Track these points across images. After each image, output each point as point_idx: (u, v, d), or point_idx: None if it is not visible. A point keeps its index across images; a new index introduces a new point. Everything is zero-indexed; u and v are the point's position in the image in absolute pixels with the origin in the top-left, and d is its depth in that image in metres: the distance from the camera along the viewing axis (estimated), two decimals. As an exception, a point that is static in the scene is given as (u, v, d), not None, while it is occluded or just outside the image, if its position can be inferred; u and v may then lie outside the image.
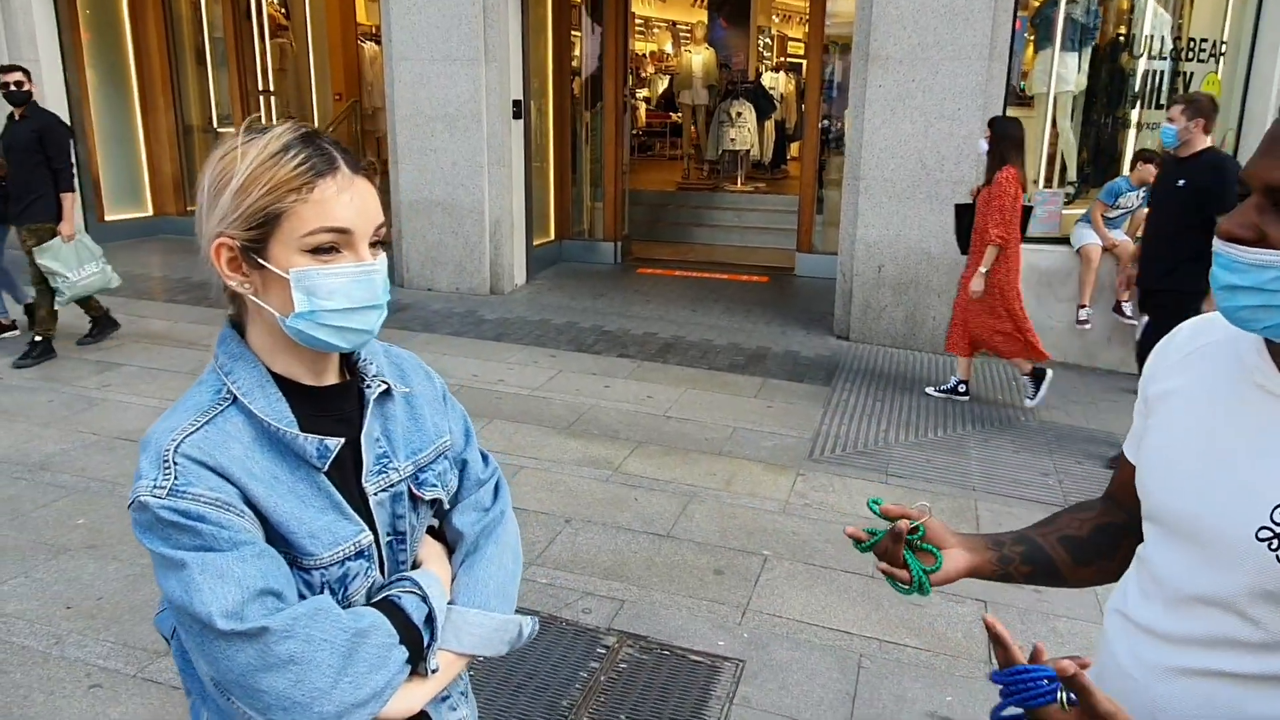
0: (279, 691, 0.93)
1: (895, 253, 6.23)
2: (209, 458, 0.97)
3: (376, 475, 1.10)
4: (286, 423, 1.03)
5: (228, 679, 0.94)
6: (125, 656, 2.77)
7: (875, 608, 3.15)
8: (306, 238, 0.99)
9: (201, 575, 0.93)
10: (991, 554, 1.21)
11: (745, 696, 2.68)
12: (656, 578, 3.31)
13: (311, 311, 1.00)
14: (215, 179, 1.01)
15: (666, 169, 13.66)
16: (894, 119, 6.04)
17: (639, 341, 6.30)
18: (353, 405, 1.12)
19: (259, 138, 1.01)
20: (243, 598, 0.93)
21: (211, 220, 1.02)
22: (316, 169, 0.99)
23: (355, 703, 0.97)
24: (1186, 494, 1.01)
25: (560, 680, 2.70)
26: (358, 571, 1.06)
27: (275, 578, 0.97)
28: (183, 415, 1.01)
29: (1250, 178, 0.91)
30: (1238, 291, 0.90)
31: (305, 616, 0.96)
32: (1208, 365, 1.05)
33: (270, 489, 1.00)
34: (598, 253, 8.97)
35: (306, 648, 0.95)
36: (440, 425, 1.21)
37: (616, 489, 4.02)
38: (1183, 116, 4.36)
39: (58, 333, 5.67)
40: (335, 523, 1.04)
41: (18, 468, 4.03)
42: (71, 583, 3.15)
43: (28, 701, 2.56)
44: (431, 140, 7.23)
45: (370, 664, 0.99)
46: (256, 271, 1.01)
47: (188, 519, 0.94)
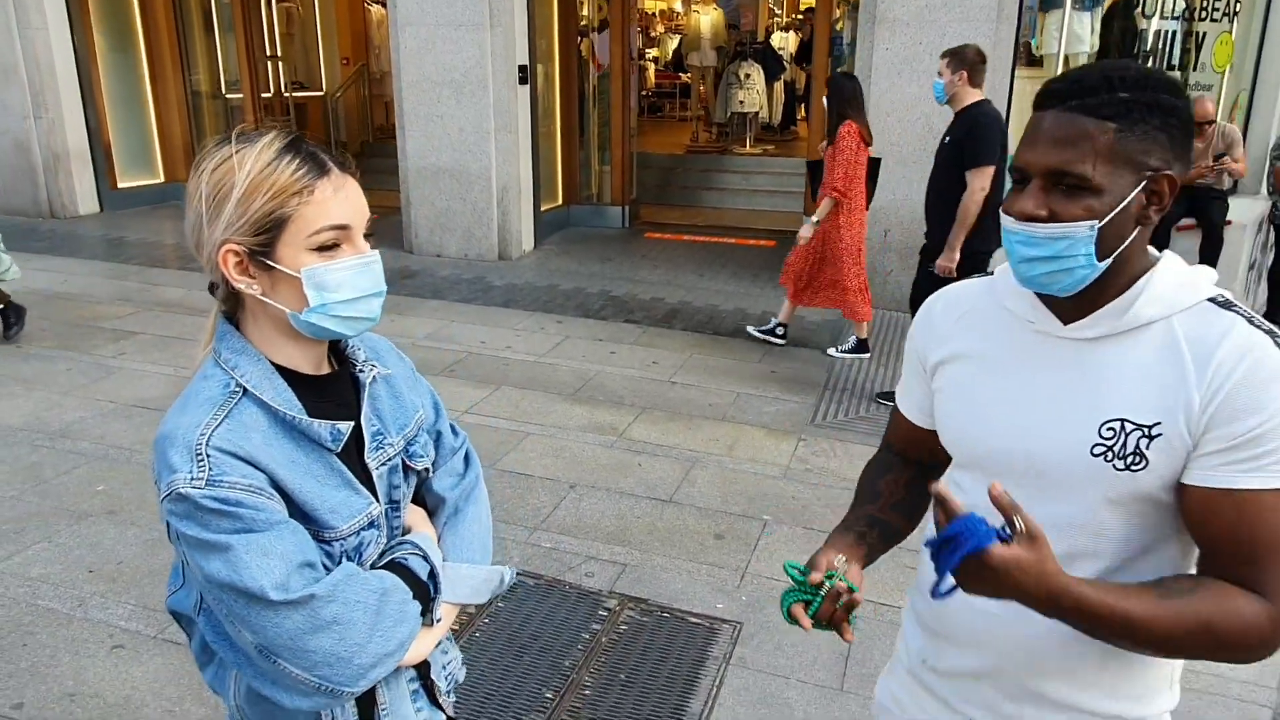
0: (326, 649, 1.05)
1: (901, 218, 6.23)
2: (238, 448, 1.05)
3: (376, 451, 1.20)
4: (297, 410, 1.11)
5: (278, 643, 1.03)
6: (146, 618, 2.88)
7: (869, 571, 3.22)
8: (313, 237, 1.07)
9: (248, 554, 1.01)
10: (862, 549, 1.32)
11: (742, 657, 2.77)
12: (658, 542, 3.39)
13: (324, 305, 1.08)
14: (214, 188, 1.07)
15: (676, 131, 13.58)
16: (900, 82, 6.00)
17: (645, 307, 6.34)
18: (348, 390, 1.22)
19: (250, 146, 1.07)
20: (288, 570, 1.03)
21: (215, 229, 1.07)
22: (313, 172, 1.07)
23: (386, 653, 1.10)
24: (1011, 435, 1.14)
25: (563, 641, 2.80)
26: (370, 540, 1.16)
27: (308, 550, 1.07)
28: (201, 410, 1.08)
29: (1028, 165, 1.06)
30: (1036, 262, 1.07)
31: (343, 582, 1.07)
32: (982, 327, 1.21)
33: (291, 472, 1.09)
34: (605, 217, 8.98)
35: (345, 609, 1.06)
36: (416, 401, 1.31)
37: (620, 455, 4.10)
38: (948, 70, 4.32)
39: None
40: (350, 498, 1.14)
41: (38, 435, 4.14)
42: (93, 547, 3.26)
43: (54, 661, 2.67)
44: (438, 106, 7.22)
45: (395, 618, 1.11)
46: (265, 273, 1.09)
47: (228, 505, 1.02)
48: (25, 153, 8.64)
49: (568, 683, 2.63)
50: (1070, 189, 1.04)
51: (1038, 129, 1.06)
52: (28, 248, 7.63)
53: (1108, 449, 1.07)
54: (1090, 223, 1.03)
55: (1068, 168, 1.03)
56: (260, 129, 1.09)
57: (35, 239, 7.96)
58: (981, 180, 4.27)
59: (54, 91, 8.51)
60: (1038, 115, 1.07)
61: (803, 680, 2.67)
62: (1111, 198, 1.03)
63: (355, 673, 1.07)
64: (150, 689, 2.57)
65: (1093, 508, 1.10)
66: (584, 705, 2.55)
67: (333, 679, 1.06)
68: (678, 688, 2.63)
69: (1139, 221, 1.07)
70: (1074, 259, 1.05)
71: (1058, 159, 1.03)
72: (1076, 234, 1.04)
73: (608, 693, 2.60)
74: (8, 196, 8.86)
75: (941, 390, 1.26)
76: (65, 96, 8.60)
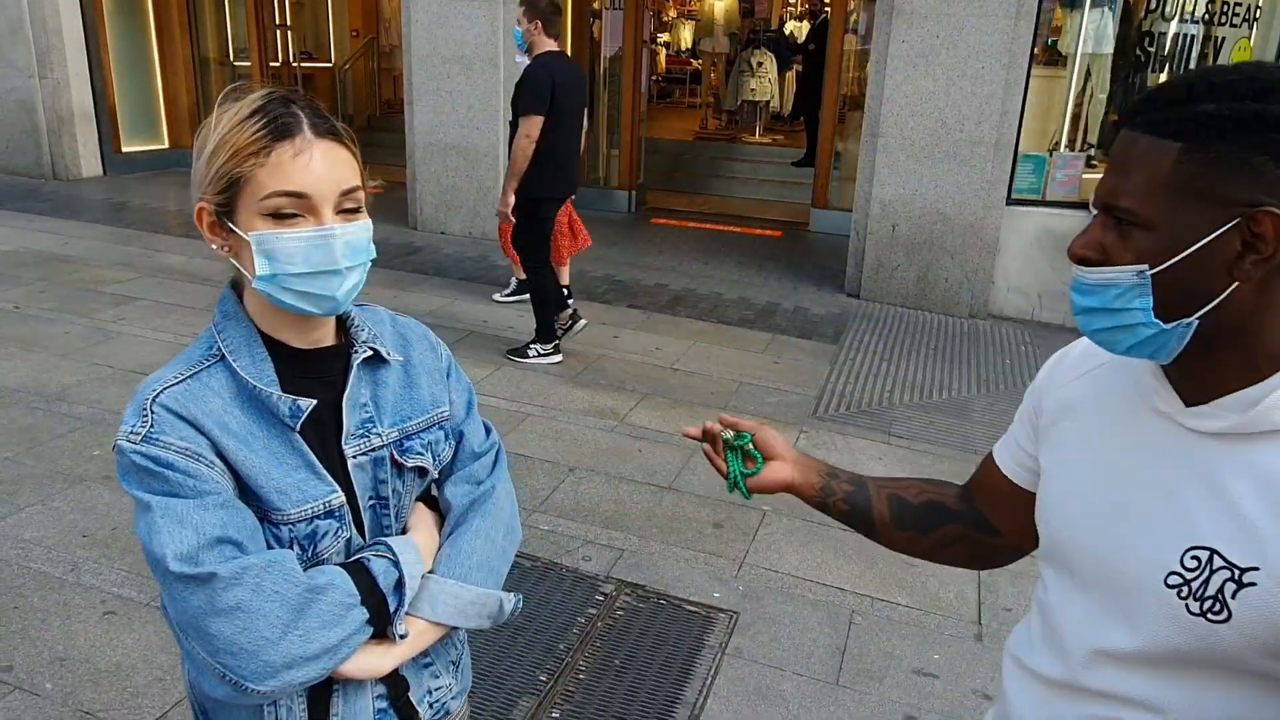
0: (226, 636, 0.96)
1: (910, 212, 6.19)
2: (184, 409, 1.01)
3: (357, 439, 1.12)
4: (267, 382, 1.05)
5: (182, 620, 0.98)
6: (138, 585, 2.86)
7: (869, 565, 3.21)
8: (264, 201, 1.00)
9: (162, 518, 0.97)
10: (819, 480, 1.23)
11: (738, 647, 2.75)
12: (656, 528, 3.37)
13: (273, 275, 1.02)
14: (198, 146, 1.05)
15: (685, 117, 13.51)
16: (915, 75, 5.95)
17: (650, 292, 6.31)
18: (339, 369, 1.13)
19: (233, 104, 1.03)
20: (198, 543, 0.96)
21: (194, 185, 1.06)
22: (275, 133, 1.00)
23: (304, 656, 0.99)
24: (1085, 530, 0.95)
25: (558, 625, 2.78)
26: (327, 530, 1.08)
27: (237, 528, 0.99)
28: (173, 368, 1.06)
29: (1096, 195, 0.89)
30: (1093, 314, 0.88)
31: (257, 568, 0.98)
32: (1104, 386, 1.00)
33: (243, 444, 1.03)
34: (612, 201, 8.93)
35: (255, 597, 0.97)
36: (439, 396, 1.22)
37: (621, 439, 4.08)
38: (525, 19, 4.57)
39: None
40: (306, 481, 1.06)
41: (35, 398, 4.11)
42: (87, 512, 3.24)
43: (45, 625, 2.65)
44: (447, 82, 7.16)
45: (323, 621, 1.01)
46: (230, 235, 1.04)
47: (157, 465, 0.98)
48: (29, 112, 8.57)
49: (562, 666, 2.61)
50: (1122, 224, 0.85)
51: (1114, 158, 0.87)
52: (29, 209, 7.59)
53: (1184, 582, 0.85)
54: (1139, 268, 0.83)
55: (1113, 199, 0.85)
56: (260, 87, 1.06)
57: (37, 200, 7.91)
58: (528, 128, 4.49)
59: (60, 52, 8.43)
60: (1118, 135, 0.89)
61: (798, 673, 2.65)
62: (1170, 237, 0.82)
63: (261, 669, 0.97)
64: (141, 656, 2.55)
65: (1159, 652, 0.87)
66: (578, 690, 2.53)
67: (235, 670, 0.97)
68: (672, 675, 2.61)
69: (1233, 274, 0.81)
70: (1129, 313, 0.85)
71: (1106, 188, 0.86)
72: (1121, 280, 0.84)
73: (602, 678, 2.58)
74: (10, 156, 8.79)
75: (1047, 449, 1.05)
76: (71, 57, 8.53)
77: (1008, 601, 3.06)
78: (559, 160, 4.63)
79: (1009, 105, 5.88)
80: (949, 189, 6.05)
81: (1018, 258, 6.25)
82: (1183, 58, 6.29)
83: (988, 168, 5.95)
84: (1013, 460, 1.13)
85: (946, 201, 6.08)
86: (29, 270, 5.95)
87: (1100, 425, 0.98)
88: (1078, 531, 0.96)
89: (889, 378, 5.02)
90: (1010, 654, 1.08)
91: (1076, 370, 1.04)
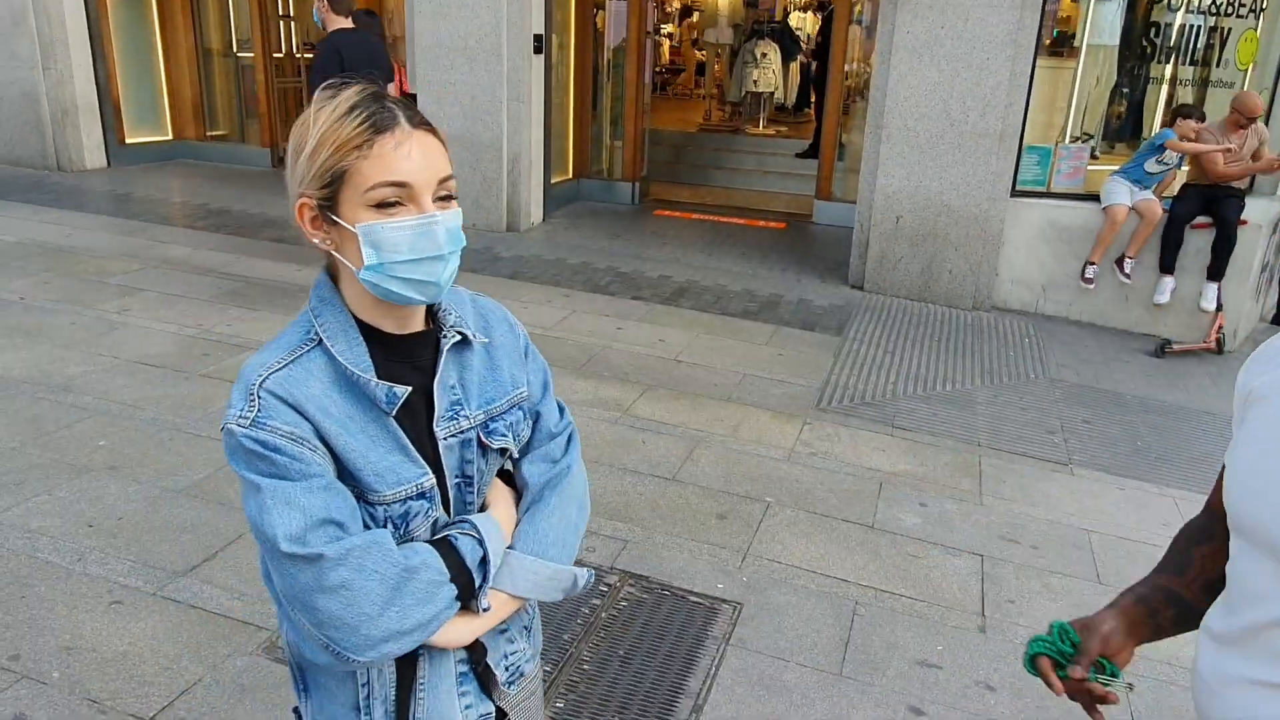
0: (331, 612, 1.03)
1: (914, 204, 6.18)
2: (289, 394, 1.06)
3: (447, 421, 1.16)
4: (364, 368, 1.10)
5: (290, 594, 1.05)
6: (145, 575, 2.87)
7: (873, 557, 3.22)
8: (369, 192, 1.04)
9: (272, 500, 1.03)
10: (1148, 630, 1.17)
11: (741, 638, 2.76)
12: (660, 520, 3.38)
13: (380, 264, 1.06)
14: (296, 143, 1.09)
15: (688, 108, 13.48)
16: (920, 66, 5.93)
17: (653, 284, 6.31)
18: (430, 353, 1.17)
19: (330, 101, 1.07)
20: (305, 524, 1.02)
21: (294, 182, 1.09)
22: (376, 126, 1.05)
23: (400, 630, 1.06)
24: (1269, 507, 0.96)
25: (562, 615, 2.79)
26: (418, 511, 1.13)
27: (339, 509, 1.05)
28: (272, 352, 1.10)
29: None
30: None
31: (360, 548, 1.04)
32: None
33: (343, 428, 1.08)
34: (615, 192, 8.92)
35: (358, 576, 1.03)
36: (518, 377, 1.26)
37: (625, 431, 4.08)
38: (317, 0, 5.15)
39: None
40: (400, 464, 1.11)
41: (41, 388, 4.12)
42: (93, 502, 3.25)
43: (52, 614, 2.67)
44: (451, 73, 7.15)
45: (417, 598, 1.07)
46: (334, 228, 1.08)
47: (265, 449, 1.03)
48: (33, 104, 8.57)
49: (566, 657, 2.62)
50: None
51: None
52: (34, 200, 7.59)
53: None
54: None
55: None
56: (352, 83, 1.09)
57: (41, 191, 7.91)
58: None
59: (63, 43, 8.42)
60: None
61: (802, 664, 2.66)
62: None
63: (361, 642, 1.04)
64: (148, 645, 2.56)
65: None
66: (582, 680, 2.54)
67: (338, 642, 1.04)
68: (676, 666, 2.62)
69: None
70: None
71: None
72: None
73: (606, 668, 2.59)
74: (14, 148, 8.79)
75: (1239, 435, 1.06)
76: (75, 49, 8.51)
77: (1010, 594, 3.07)
78: None
79: (1014, 96, 5.86)
80: (953, 180, 6.03)
81: (1022, 250, 6.23)
82: (1189, 49, 6.27)
83: (992, 159, 5.93)
84: None
85: (951, 193, 6.06)
86: (34, 261, 5.96)
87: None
88: (1257, 504, 0.97)
89: (893, 369, 5.02)
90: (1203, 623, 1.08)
91: (1274, 360, 1.04)
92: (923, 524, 3.47)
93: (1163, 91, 6.51)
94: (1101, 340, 5.85)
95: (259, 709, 2.36)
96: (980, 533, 3.43)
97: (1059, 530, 3.50)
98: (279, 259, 6.28)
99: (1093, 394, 4.92)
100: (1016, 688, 2.62)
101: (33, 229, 6.71)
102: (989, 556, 3.28)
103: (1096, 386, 5.03)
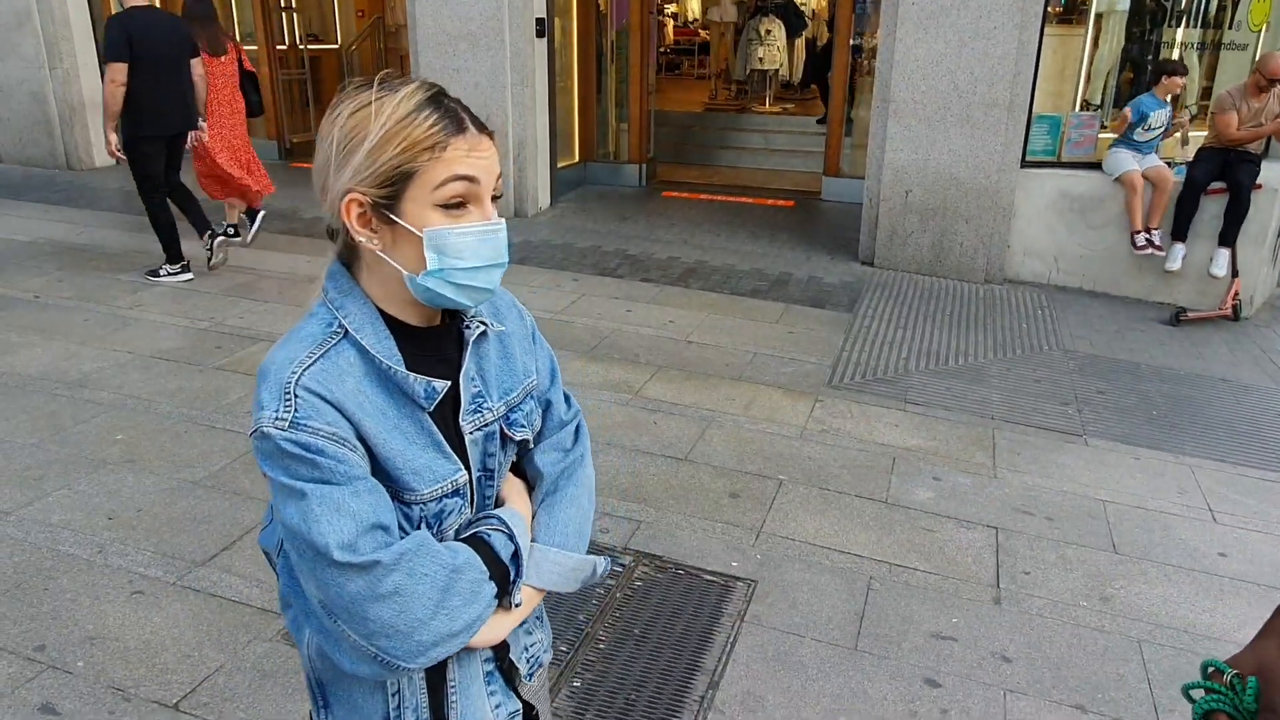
0: (384, 620, 0.99)
1: (923, 178, 6.13)
2: (327, 391, 1.01)
3: (473, 415, 1.13)
4: (395, 361, 1.06)
5: (337, 605, 0.99)
6: (165, 565, 2.91)
7: (886, 532, 3.22)
8: (438, 190, 1.01)
9: (320, 507, 0.97)
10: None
11: (756, 615, 2.77)
12: (673, 500, 3.39)
13: (441, 270, 1.03)
14: (347, 134, 1.02)
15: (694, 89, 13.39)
16: (927, 38, 5.86)
17: (662, 266, 6.29)
18: (452, 345, 1.14)
19: (391, 95, 1.02)
20: (357, 531, 0.98)
21: (342, 175, 1.03)
22: (449, 129, 1.01)
23: (449, 633, 1.04)
24: None
25: (577, 597, 2.81)
26: (453, 509, 1.10)
27: (384, 512, 1.01)
28: (298, 346, 1.04)
29: None
30: None
31: (411, 552, 1.01)
32: None
33: (379, 424, 1.04)
34: (622, 175, 8.89)
35: (410, 581, 1.00)
36: (529, 365, 1.23)
37: (636, 413, 4.09)
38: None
39: None
40: (435, 461, 1.08)
41: (57, 384, 4.16)
42: (112, 495, 3.29)
43: (75, 605, 2.70)
44: (454, 59, 7.13)
45: (464, 598, 1.05)
46: (387, 227, 1.04)
47: (308, 452, 0.98)
48: (41, 103, 8.60)
49: (582, 637, 2.64)
50: None
51: None
52: (44, 199, 7.64)
53: None
54: None
55: None
56: (405, 78, 1.05)
57: (52, 190, 7.96)
58: (112, 74, 5.12)
59: (68, 42, 8.45)
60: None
61: (817, 639, 2.67)
62: None
63: (414, 648, 1.01)
64: (170, 634, 2.60)
65: None
66: (598, 660, 2.56)
67: (389, 651, 1.00)
68: (692, 644, 2.63)
69: None
70: None
71: None
72: None
73: (622, 648, 2.61)
74: (24, 147, 8.84)
75: None
76: (80, 47, 8.55)
77: (1025, 565, 3.06)
78: (148, 103, 5.22)
79: (1022, 66, 5.79)
80: (962, 153, 5.98)
81: (1033, 221, 6.18)
82: (1199, 15, 6.17)
83: (1001, 130, 5.87)
84: None
85: (960, 166, 6.01)
86: (47, 260, 6.00)
87: None
88: None
89: (904, 345, 5.00)
90: None
91: None
92: (936, 498, 3.46)
93: (1174, 56, 6.41)
94: (1115, 310, 5.80)
95: (280, 694, 2.39)
96: (994, 505, 3.43)
97: (1074, 501, 3.49)
98: (288, 251, 6.30)
99: (1107, 364, 4.88)
100: (1032, 659, 2.62)
101: (45, 228, 6.76)
102: (1003, 529, 3.27)
103: (1110, 356, 5.00)
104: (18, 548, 2.97)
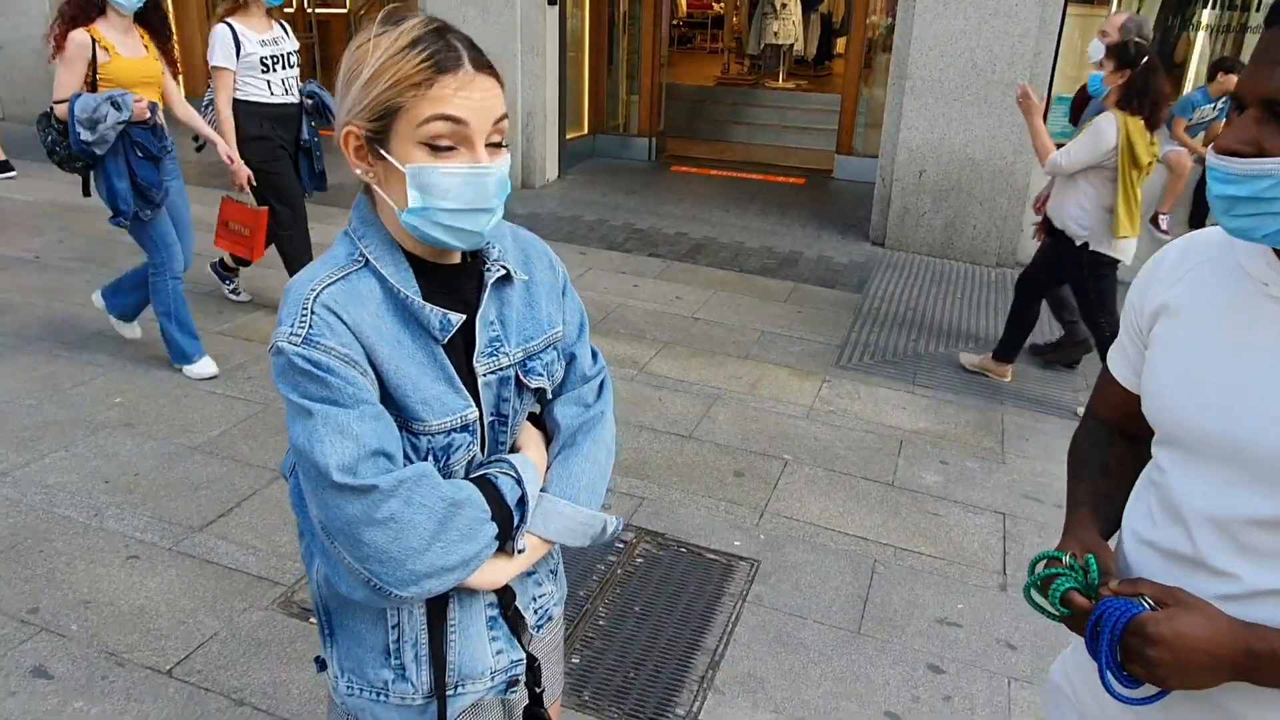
0: (378, 545, 1.00)
1: (938, 157, 6.03)
2: (344, 311, 1.02)
3: (487, 358, 1.13)
4: (413, 291, 1.07)
5: (334, 526, 1.01)
6: (161, 530, 2.87)
7: (892, 515, 3.18)
8: (422, 126, 1.00)
9: (324, 427, 0.99)
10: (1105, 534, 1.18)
11: (758, 595, 2.73)
12: (677, 477, 3.35)
13: (424, 209, 1.03)
14: (349, 69, 1.04)
15: (706, 62, 13.24)
16: (946, 14, 5.74)
17: (670, 241, 6.22)
18: (471, 286, 1.14)
19: (392, 30, 1.02)
20: (358, 454, 0.99)
21: (343, 108, 1.05)
22: (439, 65, 1.00)
23: (444, 566, 1.04)
24: (1212, 412, 1.00)
25: (578, 572, 2.77)
26: (461, 444, 1.10)
27: (388, 439, 1.02)
28: (321, 267, 1.07)
29: (1246, 90, 0.92)
30: (1237, 202, 0.92)
31: (410, 481, 1.02)
32: (1209, 283, 1.05)
33: (394, 351, 1.05)
34: (632, 148, 8.79)
35: (407, 509, 1.01)
36: (554, 316, 1.23)
37: (641, 389, 4.04)
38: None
39: None
40: (446, 394, 1.08)
41: (57, 345, 4.12)
42: (110, 459, 3.25)
43: (70, 569, 2.67)
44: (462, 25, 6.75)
45: (461, 534, 1.05)
46: (380, 162, 1.05)
47: (318, 370, 1.00)
48: (43, 61, 8.47)
49: (582, 613, 2.61)
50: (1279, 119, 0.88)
51: (1258, 50, 0.91)
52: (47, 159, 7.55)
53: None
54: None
55: (1276, 93, 0.88)
56: (413, 14, 1.05)
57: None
58: None
59: (74, -2, 8.33)
60: (1265, 34, 0.92)
61: (819, 621, 2.63)
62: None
63: (406, 576, 1.01)
64: (164, 599, 2.57)
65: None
66: (598, 636, 2.53)
67: (380, 576, 1.01)
68: (693, 622, 2.60)
69: None
70: (1276, 202, 0.89)
71: (1269, 85, 0.89)
72: (1274, 172, 0.88)
73: (622, 624, 2.58)
74: (29, 106, 8.75)
75: (1151, 346, 1.11)
76: (85, 4, 8.43)
77: (1033, 552, 3.02)
78: None
79: (1043, 45, 5.67)
80: (979, 133, 5.88)
81: (1048, 204, 6.07)
82: (1225, -5, 6.03)
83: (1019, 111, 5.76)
84: (1132, 372, 1.17)
85: (976, 146, 5.91)
86: (48, 221, 5.95)
87: (1208, 315, 1.03)
88: (1195, 412, 1.02)
89: (914, 327, 4.94)
90: (1128, 527, 1.13)
91: (1176, 273, 1.09)
92: (944, 482, 3.42)
93: (1199, 38, 6.29)
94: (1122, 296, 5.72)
95: (274, 662, 2.36)
96: (1002, 491, 3.38)
97: (1083, 488, 3.44)
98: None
99: (1119, 351, 4.81)
100: (1038, 646, 2.58)
101: (46, 188, 6.70)
102: (1011, 514, 3.23)
103: (1122, 343, 4.93)
104: (13, 509, 2.94)
